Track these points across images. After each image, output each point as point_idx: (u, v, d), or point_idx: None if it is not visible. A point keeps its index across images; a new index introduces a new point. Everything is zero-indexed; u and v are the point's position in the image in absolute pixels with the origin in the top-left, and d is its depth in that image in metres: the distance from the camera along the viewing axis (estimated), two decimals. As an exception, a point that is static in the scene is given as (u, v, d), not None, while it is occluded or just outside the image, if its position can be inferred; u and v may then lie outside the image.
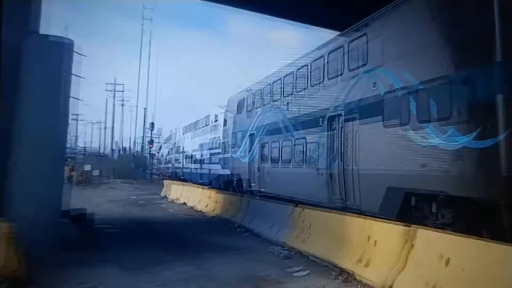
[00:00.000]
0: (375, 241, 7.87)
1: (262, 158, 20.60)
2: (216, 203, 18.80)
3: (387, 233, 7.80)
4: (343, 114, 13.61)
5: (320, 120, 15.01)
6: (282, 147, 18.52)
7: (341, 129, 13.76)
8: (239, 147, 23.95)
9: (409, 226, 7.39)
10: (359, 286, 7.63)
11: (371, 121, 12.09)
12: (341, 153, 13.60)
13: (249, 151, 22.20)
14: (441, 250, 6.50)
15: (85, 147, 59.40)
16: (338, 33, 16.32)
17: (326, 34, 20.57)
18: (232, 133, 25.88)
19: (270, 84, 20.41)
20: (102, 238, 12.34)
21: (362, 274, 7.78)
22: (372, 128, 12.02)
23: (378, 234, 7.95)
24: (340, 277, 8.07)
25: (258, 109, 21.58)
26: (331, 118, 14.35)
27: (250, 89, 23.14)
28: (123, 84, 66.17)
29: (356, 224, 8.73)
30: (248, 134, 22.56)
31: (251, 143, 22.03)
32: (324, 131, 14.72)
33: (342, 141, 13.64)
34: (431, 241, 6.98)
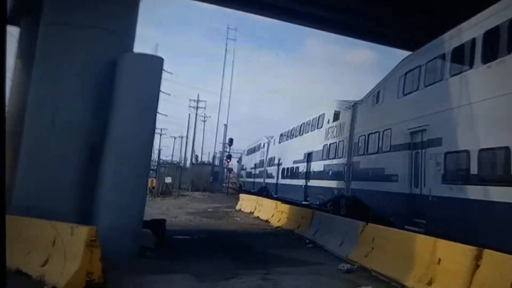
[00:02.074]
0: (439, 260, 7.89)
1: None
2: (287, 216, 19.29)
3: (452, 253, 7.80)
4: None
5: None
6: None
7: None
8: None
9: (476, 247, 7.39)
10: (422, 304, 7.66)
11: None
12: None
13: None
14: (507, 272, 6.51)
15: (167, 160, 61.94)
16: (410, 53, 16.38)
17: (400, 54, 20.73)
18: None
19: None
20: (179, 248, 12.88)
21: (424, 292, 7.81)
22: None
23: (443, 253, 7.95)
24: (402, 295, 8.14)
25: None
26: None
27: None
28: (205, 101, 68.69)
29: (421, 242, 8.78)
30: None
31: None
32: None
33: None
34: (497, 262, 6.94)
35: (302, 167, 30.23)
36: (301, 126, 33.37)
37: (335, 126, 25.34)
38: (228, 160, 56.40)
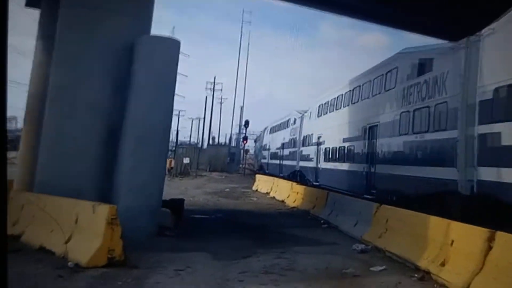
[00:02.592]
0: (452, 241, 7.94)
1: None
2: (303, 196, 19.51)
3: (465, 234, 7.83)
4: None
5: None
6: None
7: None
8: None
9: (489, 229, 7.43)
10: (435, 286, 7.70)
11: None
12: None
13: None
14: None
15: (185, 141, 62.40)
16: (423, 36, 16.10)
17: (413, 37, 20.26)
18: None
19: None
20: (196, 227, 13.19)
21: (438, 273, 7.85)
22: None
23: (456, 234, 7.98)
24: (416, 275, 8.20)
25: None
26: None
27: None
28: (222, 83, 68.77)
29: (434, 224, 8.85)
30: None
31: None
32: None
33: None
34: (510, 244, 6.92)
35: (360, 146, 21.79)
36: (354, 90, 24.06)
37: (423, 82, 16.52)
38: (245, 142, 56.48)
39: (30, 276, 7.22)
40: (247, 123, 55.91)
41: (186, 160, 42.62)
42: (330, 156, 26.63)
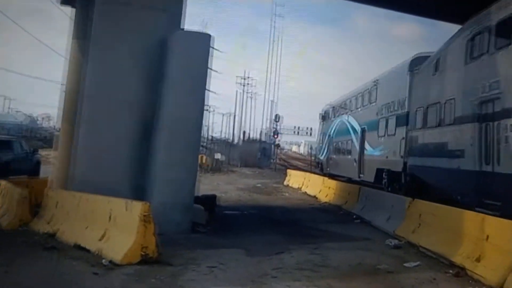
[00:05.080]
0: (487, 236, 7.81)
1: None
2: (334, 191, 19.41)
3: (500, 229, 7.71)
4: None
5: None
6: None
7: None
8: None
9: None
10: (470, 281, 7.58)
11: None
12: None
13: None
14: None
15: (216, 137, 62.73)
16: (459, 26, 15.80)
17: (448, 28, 19.87)
18: None
19: None
20: (229, 223, 13.24)
21: (473, 269, 7.75)
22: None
23: (491, 229, 7.86)
24: (451, 271, 8.09)
25: None
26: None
27: None
28: (252, 78, 68.77)
29: (469, 218, 8.71)
30: None
31: None
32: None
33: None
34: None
35: None
36: None
37: None
38: (276, 137, 56.44)
39: (66, 273, 7.31)
40: (277, 117, 55.89)
41: (218, 156, 42.81)
42: None
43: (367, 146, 24.36)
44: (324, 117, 38.39)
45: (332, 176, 26.96)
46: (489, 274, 7.35)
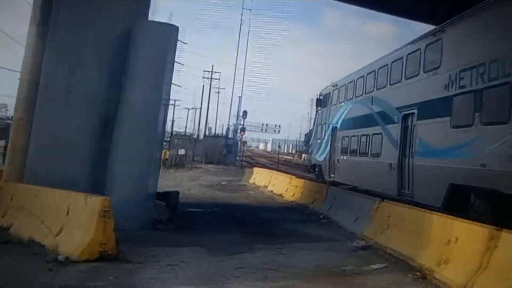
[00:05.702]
0: (456, 239, 7.74)
1: None
2: (302, 190, 19.21)
3: (468, 232, 7.66)
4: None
5: None
6: None
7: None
8: None
9: (493, 227, 7.24)
10: (436, 284, 7.54)
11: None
12: None
13: None
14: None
15: (181, 132, 62.10)
16: (432, 27, 15.97)
17: (419, 27, 20.13)
18: None
19: None
20: (192, 221, 13.00)
21: (440, 272, 7.69)
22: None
23: (460, 232, 7.80)
24: (417, 273, 8.02)
25: None
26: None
27: None
28: (219, 72, 68.15)
29: (437, 221, 8.64)
30: None
31: None
32: None
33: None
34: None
35: None
36: None
37: None
38: (242, 133, 56.30)
39: (19, 269, 7.07)
40: (245, 113, 55.77)
41: (181, 152, 42.38)
42: None
43: (421, 143, 14.74)
44: (324, 102, 27.82)
45: (338, 185, 20.16)
46: (456, 276, 7.28)
